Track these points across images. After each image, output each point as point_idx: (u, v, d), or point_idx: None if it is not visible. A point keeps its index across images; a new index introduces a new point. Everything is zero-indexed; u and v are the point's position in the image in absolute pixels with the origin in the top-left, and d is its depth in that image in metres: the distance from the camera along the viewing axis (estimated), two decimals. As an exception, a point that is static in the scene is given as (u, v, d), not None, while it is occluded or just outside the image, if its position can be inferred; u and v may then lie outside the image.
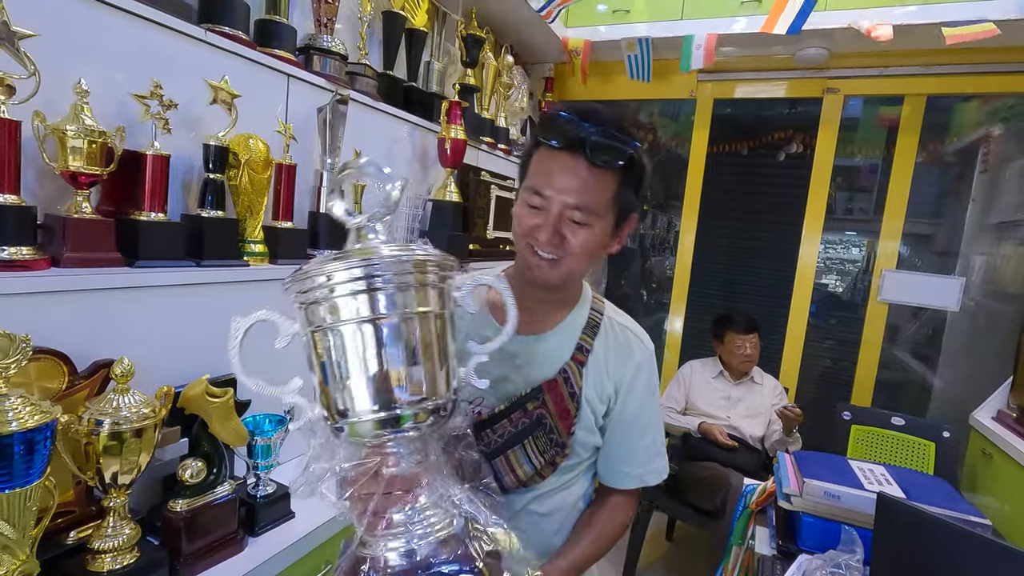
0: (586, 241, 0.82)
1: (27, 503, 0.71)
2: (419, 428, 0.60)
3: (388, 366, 0.57)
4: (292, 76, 1.40)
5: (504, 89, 2.50)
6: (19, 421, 0.67)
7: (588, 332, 0.93)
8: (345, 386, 0.58)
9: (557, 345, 0.91)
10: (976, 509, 1.21)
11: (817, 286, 2.96)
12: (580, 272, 0.87)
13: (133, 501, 0.95)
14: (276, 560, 1.04)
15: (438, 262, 0.60)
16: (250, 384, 0.63)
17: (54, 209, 0.99)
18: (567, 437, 0.89)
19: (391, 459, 0.60)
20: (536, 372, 0.90)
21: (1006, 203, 3.00)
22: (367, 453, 0.60)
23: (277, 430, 1.14)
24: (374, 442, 0.60)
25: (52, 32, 0.94)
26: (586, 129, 0.78)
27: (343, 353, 0.58)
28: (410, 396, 0.58)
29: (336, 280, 0.56)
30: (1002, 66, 2.43)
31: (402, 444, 0.61)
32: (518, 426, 0.88)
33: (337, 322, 0.57)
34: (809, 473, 1.33)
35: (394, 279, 0.57)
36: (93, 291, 0.95)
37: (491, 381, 0.80)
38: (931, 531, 0.91)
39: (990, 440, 2.21)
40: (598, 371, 0.91)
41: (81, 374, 0.91)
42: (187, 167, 1.20)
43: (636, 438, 0.94)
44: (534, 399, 0.88)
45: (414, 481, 0.61)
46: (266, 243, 1.29)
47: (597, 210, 0.81)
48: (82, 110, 0.94)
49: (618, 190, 0.82)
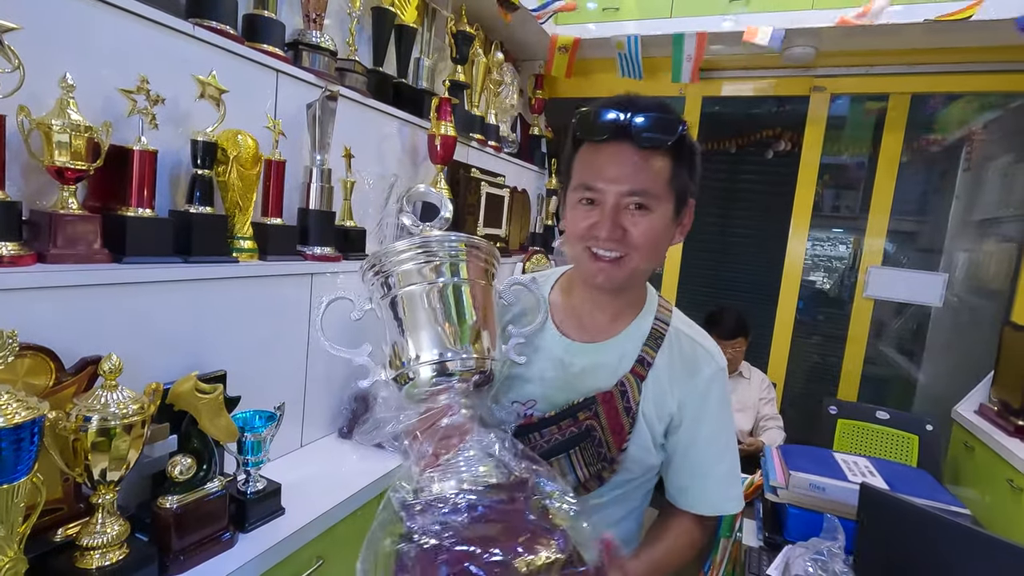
0: (649, 229, 0.78)
1: (14, 500, 0.70)
2: (466, 382, 0.73)
3: (444, 323, 0.72)
4: (281, 72, 1.39)
5: (494, 86, 2.51)
6: (6, 417, 0.67)
7: (651, 343, 0.87)
8: (409, 341, 0.72)
9: (617, 355, 0.87)
10: (957, 500, 1.23)
11: (805, 283, 2.99)
12: (646, 269, 0.84)
13: (122, 498, 0.95)
14: (266, 556, 1.04)
15: (483, 245, 0.77)
16: (329, 348, 0.77)
17: (40, 204, 0.98)
18: (617, 452, 0.85)
19: (446, 409, 0.71)
20: (592, 382, 0.86)
21: (988, 200, 3.06)
22: (426, 407, 0.72)
23: (267, 426, 1.14)
24: (430, 391, 0.72)
25: (37, 25, 0.93)
26: (629, 115, 0.76)
27: (409, 313, 0.73)
28: (461, 351, 0.71)
29: (405, 253, 0.72)
30: (984, 65, 2.47)
31: (454, 395, 0.72)
32: (566, 434, 0.84)
33: (406, 286, 0.73)
34: (795, 466, 1.36)
35: (449, 253, 0.73)
36: (80, 287, 0.94)
37: (546, 390, 0.88)
38: (913, 521, 0.93)
39: (972, 433, 2.26)
40: (659, 386, 0.86)
41: (69, 371, 0.90)
42: (175, 163, 1.19)
43: (712, 464, 0.88)
44: (586, 409, 0.84)
45: (464, 430, 0.70)
46: (255, 239, 1.29)
47: (656, 192, 0.78)
48: (68, 104, 0.93)
49: (673, 171, 0.79)
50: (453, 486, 0.65)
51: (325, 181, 1.48)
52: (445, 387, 0.72)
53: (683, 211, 0.84)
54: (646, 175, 0.77)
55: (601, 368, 0.87)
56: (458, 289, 0.74)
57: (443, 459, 0.68)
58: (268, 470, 1.19)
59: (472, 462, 0.68)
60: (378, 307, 0.76)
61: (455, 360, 0.71)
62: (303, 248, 1.43)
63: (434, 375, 0.71)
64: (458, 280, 0.74)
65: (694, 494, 0.89)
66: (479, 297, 0.75)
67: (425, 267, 0.73)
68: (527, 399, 0.90)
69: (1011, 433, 2.06)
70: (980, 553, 0.90)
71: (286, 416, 1.22)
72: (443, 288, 0.73)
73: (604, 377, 0.86)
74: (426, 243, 0.72)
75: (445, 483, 0.66)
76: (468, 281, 0.74)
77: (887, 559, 0.96)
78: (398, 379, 0.74)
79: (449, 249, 0.73)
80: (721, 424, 0.88)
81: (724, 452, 0.89)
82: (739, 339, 2.55)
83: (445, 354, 0.71)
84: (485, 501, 0.62)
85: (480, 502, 0.62)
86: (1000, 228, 2.93)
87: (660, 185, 0.78)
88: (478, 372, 0.73)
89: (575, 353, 0.88)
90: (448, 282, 0.73)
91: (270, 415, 1.17)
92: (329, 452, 1.48)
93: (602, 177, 0.78)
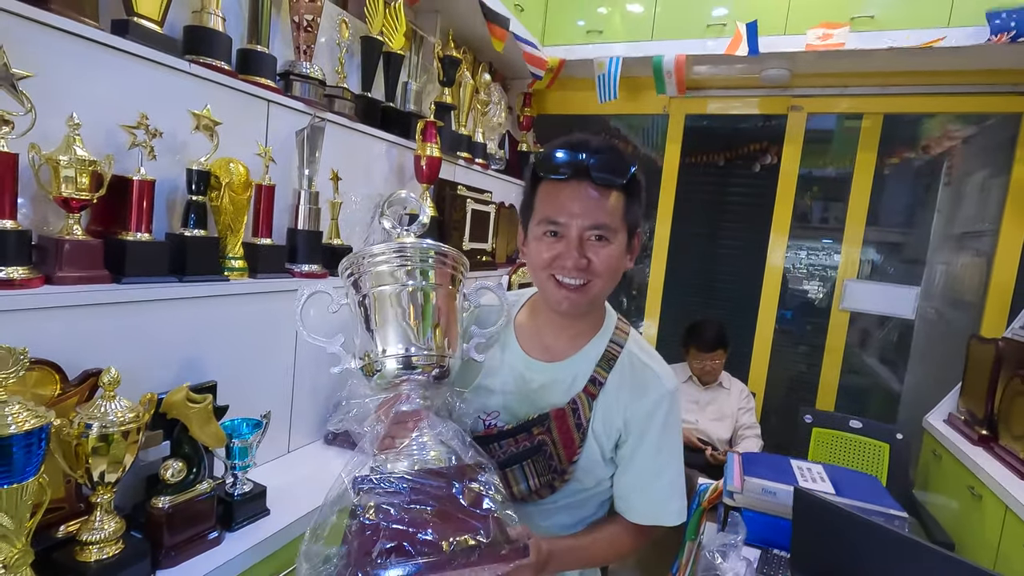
0: (609, 257, 0.88)
1: (23, 497, 0.80)
2: (426, 375, 0.82)
3: (411, 321, 0.81)
4: (272, 101, 1.49)
5: (481, 106, 2.61)
6: (17, 424, 0.76)
7: (604, 364, 0.94)
8: (377, 336, 0.81)
9: (571, 374, 0.94)
10: (897, 504, 1.32)
11: (796, 292, 3.08)
12: (605, 293, 0.92)
13: (119, 499, 1.04)
14: (251, 553, 1.13)
15: (451, 253, 0.86)
16: (307, 336, 0.86)
17: (47, 231, 1.08)
18: (568, 465, 0.92)
19: (404, 396, 0.80)
20: (548, 398, 0.94)
21: (966, 215, 3.15)
22: (387, 395, 0.81)
23: (253, 433, 1.23)
24: (394, 381, 0.81)
25: (47, 69, 1.03)
26: (586, 157, 0.85)
27: (379, 311, 0.82)
28: (423, 346, 0.80)
29: (380, 256, 0.81)
30: (953, 87, 2.57)
31: (413, 386, 0.81)
32: (520, 447, 0.93)
33: (379, 286, 0.81)
34: (751, 472, 1.44)
35: (420, 259, 0.82)
36: (83, 307, 1.04)
37: (507, 402, 0.97)
38: (839, 522, 1.02)
39: (939, 442, 2.34)
40: (608, 405, 0.93)
41: (72, 382, 0.99)
42: (171, 189, 1.29)
43: (650, 478, 0.94)
44: (540, 425, 0.92)
45: (419, 417, 0.79)
46: (246, 259, 1.39)
47: (614, 226, 0.87)
48: (74, 141, 1.03)
49: (626, 206, 0.89)
50: (404, 467, 0.74)
51: (313, 203, 1.58)
52: (407, 379, 0.81)
53: (633, 241, 0.93)
54: (604, 211, 0.87)
55: (557, 385, 0.95)
56: (426, 293, 0.83)
57: (398, 442, 0.77)
58: (257, 474, 1.28)
59: (425, 447, 0.77)
60: (352, 303, 0.85)
61: (418, 355, 0.80)
62: (291, 266, 1.53)
63: (399, 367, 0.80)
64: (426, 284, 0.83)
65: (632, 504, 0.96)
66: (443, 300, 0.85)
67: (398, 271, 0.82)
68: (491, 410, 0.98)
69: (975, 442, 2.14)
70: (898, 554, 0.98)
71: (274, 423, 1.31)
72: (412, 291, 0.82)
73: (559, 394, 0.94)
74: (401, 249, 0.82)
75: (397, 464, 0.75)
76: (435, 286, 0.84)
77: (818, 557, 1.05)
78: (365, 370, 0.83)
79: (420, 256, 0.83)
80: (664, 442, 0.93)
81: (664, 468, 0.94)
82: (718, 351, 2.64)
83: (409, 349, 0.80)
84: (427, 484, 0.71)
85: (422, 485, 0.70)
86: (977, 241, 3.01)
87: (616, 219, 0.88)
88: (438, 367, 0.82)
89: (535, 370, 0.96)
90: (417, 285, 0.82)
91: (256, 423, 1.26)
92: (315, 457, 1.57)
93: (565, 212, 0.87)
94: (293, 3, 1.58)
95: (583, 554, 0.94)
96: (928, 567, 0.96)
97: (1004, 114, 2.62)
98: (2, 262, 0.95)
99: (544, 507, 0.98)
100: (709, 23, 2.58)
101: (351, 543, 0.67)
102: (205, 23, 1.34)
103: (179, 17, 1.34)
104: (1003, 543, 1.79)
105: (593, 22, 2.83)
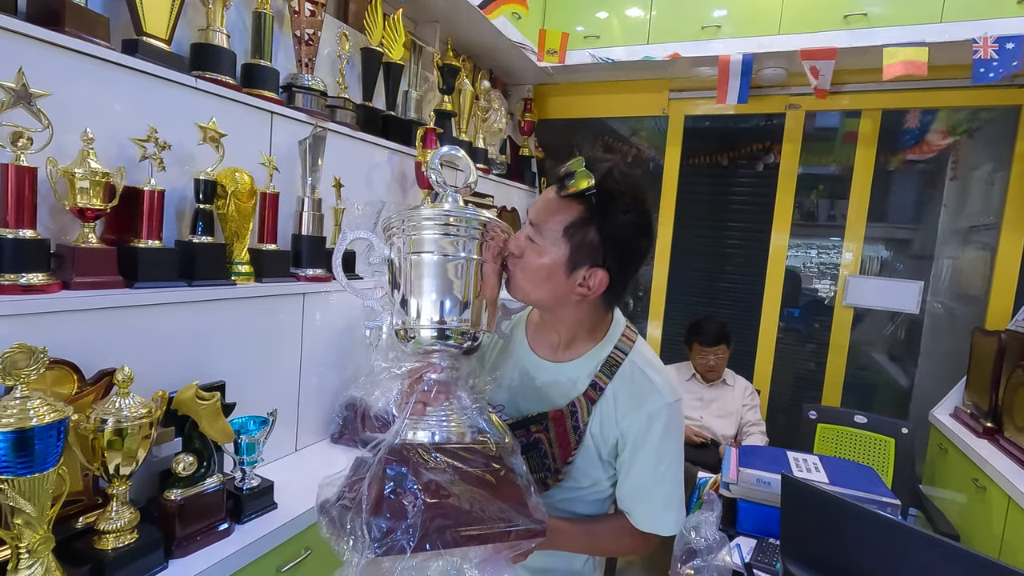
0: (529, 258, 0.85)
1: (44, 486, 0.85)
2: (458, 347, 0.82)
3: (450, 292, 0.80)
4: (275, 113, 1.56)
5: (481, 112, 2.66)
6: (39, 418, 0.82)
7: (606, 370, 0.93)
8: (414, 302, 0.80)
9: (573, 377, 0.94)
10: (890, 492, 1.34)
11: (794, 292, 3.08)
12: (530, 292, 0.89)
13: (134, 493, 1.10)
14: (259, 544, 1.18)
15: (500, 226, 0.84)
16: (344, 283, 0.87)
17: (64, 239, 1.15)
18: (563, 464, 0.93)
19: (435, 367, 0.81)
20: (549, 398, 0.95)
21: (972, 209, 3.14)
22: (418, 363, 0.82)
23: (260, 429, 1.28)
24: (428, 349, 0.82)
25: (63, 87, 1.10)
26: (566, 168, 0.85)
27: (419, 277, 0.80)
28: (457, 318, 0.81)
29: (428, 222, 0.79)
30: (950, 81, 2.58)
31: (444, 357, 0.82)
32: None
33: (423, 252, 0.79)
34: (746, 463, 1.47)
35: (468, 231, 0.80)
36: (98, 310, 1.10)
37: (512, 394, 1.00)
38: (826, 506, 1.04)
39: (945, 436, 2.33)
40: (607, 411, 0.93)
41: (89, 380, 1.06)
42: (180, 198, 1.36)
43: (648, 490, 0.94)
44: (538, 423, 0.93)
45: (448, 388, 0.80)
46: (252, 264, 1.45)
47: (547, 229, 0.84)
48: (88, 155, 1.10)
49: (575, 222, 0.83)
50: (426, 436, 0.76)
51: (316, 209, 1.64)
52: (440, 349, 0.82)
53: (579, 270, 0.85)
54: (546, 212, 0.86)
55: (557, 386, 0.95)
56: (468, 265, 0.81)
57: (429, 410, 0.78)
58: (265, 470, 1.34)
59: (448, 421, 0.78)
60: (396, 259, 0.83)
61: (453, 326, 0.80)
62: (296, 270, 1.59)
63: (434, 336, 0.80)
64: (469, 256, 0.81)
65: (631, 511, 0.97)
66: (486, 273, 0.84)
67: (444, 240, 0.79)
68: (497, 404, 1.00)
69: (980, 435, 2.14)
70: (887, 537, 1.00)
71: (281, 422, 1.37)
72: (456, 262, 0.80)
73: (558, 395, 0.95)
74: (449, 216, 0.78)
75: (420, 432, 0.76)
76: (479, 259, 0.82)
77: (808, 543, 1.08)
78: (399, 334, 0.82)
79: (469, 227, 0.80)
80: (661, 454, 0.92)
81: (661, 480, 0.93)
82: (721, 346, 2.66)
83: (445, 319, 0.80)
84: (468, 460, 0.73)
85: (463, 460, 0.73)
86: (981, 235, 3.00)
87: (555, 225, 0.84)
88: (471, 339, 0.83)
89: (538, 368, 0.98)
90: (461, 257, 0.80)
91: (263, 420, 1.31)
92: (321, 455, 1.63)
93: (532, 208, 0.91)
94: (295, 18, 1.65)
95: (586, 538, 0.97)
96: (916, 550, 0.98)
97: (1005, 107, 2.62)
98: (23, 269, 1.01)
99: (547, 500, 0.99)
100: (704, 25, 2.61)
101: (360, 471, 0.72)
102: (210, 40, 1.41)
103: (186, 35, 1.41)
104: (1007, 533, 1.79)
105: (592, 27, 2.88)
